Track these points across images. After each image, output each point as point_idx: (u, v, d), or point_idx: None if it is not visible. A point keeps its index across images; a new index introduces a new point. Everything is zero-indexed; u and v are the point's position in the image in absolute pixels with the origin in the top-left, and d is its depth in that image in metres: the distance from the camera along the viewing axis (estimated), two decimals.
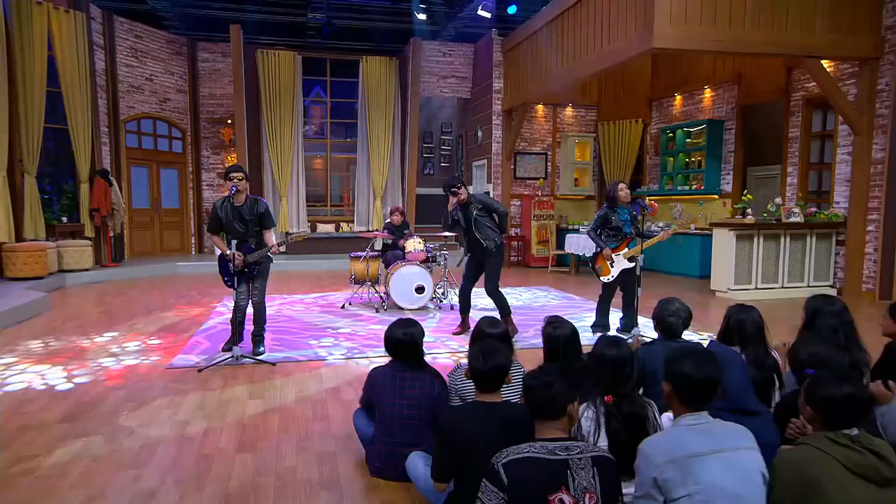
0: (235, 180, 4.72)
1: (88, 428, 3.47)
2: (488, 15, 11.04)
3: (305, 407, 3.85)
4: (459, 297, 5.79)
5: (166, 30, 12.05)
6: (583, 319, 6.54)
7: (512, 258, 12.25)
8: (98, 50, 10.64)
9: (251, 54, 12.29)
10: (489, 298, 5.64)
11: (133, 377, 4.47)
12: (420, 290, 6.92)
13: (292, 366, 4.80)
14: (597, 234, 5.58)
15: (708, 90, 10.71)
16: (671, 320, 2.91)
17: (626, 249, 5.43)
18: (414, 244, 7.15)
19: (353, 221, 13.59)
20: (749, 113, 10.02)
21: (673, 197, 11.42)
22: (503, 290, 5.64)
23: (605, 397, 2.21)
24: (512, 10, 11.05)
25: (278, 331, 5.94)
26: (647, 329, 5.05)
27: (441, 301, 7.41)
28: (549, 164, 12.72)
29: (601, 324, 5.62)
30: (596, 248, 5.59)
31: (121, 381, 4.38)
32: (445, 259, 7.54)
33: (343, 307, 7.21)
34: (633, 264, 5.40)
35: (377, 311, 6.91)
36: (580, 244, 10.53)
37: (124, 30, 11.34)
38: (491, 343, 2.41)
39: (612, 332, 5.57)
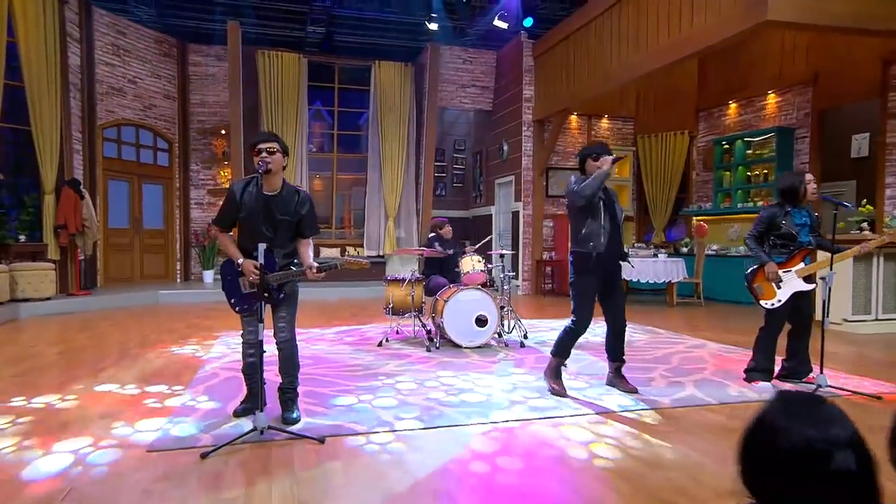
0: (265, 154, 3.02)
1: None
2: (505, 26, 10.18)
3: None
4: (575, 337, 3.93)
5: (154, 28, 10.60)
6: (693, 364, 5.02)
7: (545, 286, 10.83)
8: (73, 43, 9.09)
9: (250, 57, 10.84)
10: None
11: (84, 475, 2.58)
12: (482, 321, 5.35)
13: (350, 442, 3.05)
14: (758, 242, 4.09)
15: (772, 95, 9.47)
16: None
17: (802, 265, 3.94)
18: (472, 262, 5.59)
19: (361, 245, 12.05)
20: (821, 120, 8.81)
21: (730, 217, 10.08)
22: (550, 323, 4.00)
23: None
24: (528, 22, 10.28)
25: (303, 377, 4.27)
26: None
27: (502, 336, 5.81)
28: None
29: (762, 368, 4.06)
30: (755, 261, 4.10)
31: (61, 480, 2.51)
32: (509, 281, 5.97)
33: (380, 344, 5.57)
34: (812, 286, 3.92)
35: (428, 350, 5.28)
36: (630, 269, 9.15)
37: (105, 23, 9.83)
38: None
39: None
